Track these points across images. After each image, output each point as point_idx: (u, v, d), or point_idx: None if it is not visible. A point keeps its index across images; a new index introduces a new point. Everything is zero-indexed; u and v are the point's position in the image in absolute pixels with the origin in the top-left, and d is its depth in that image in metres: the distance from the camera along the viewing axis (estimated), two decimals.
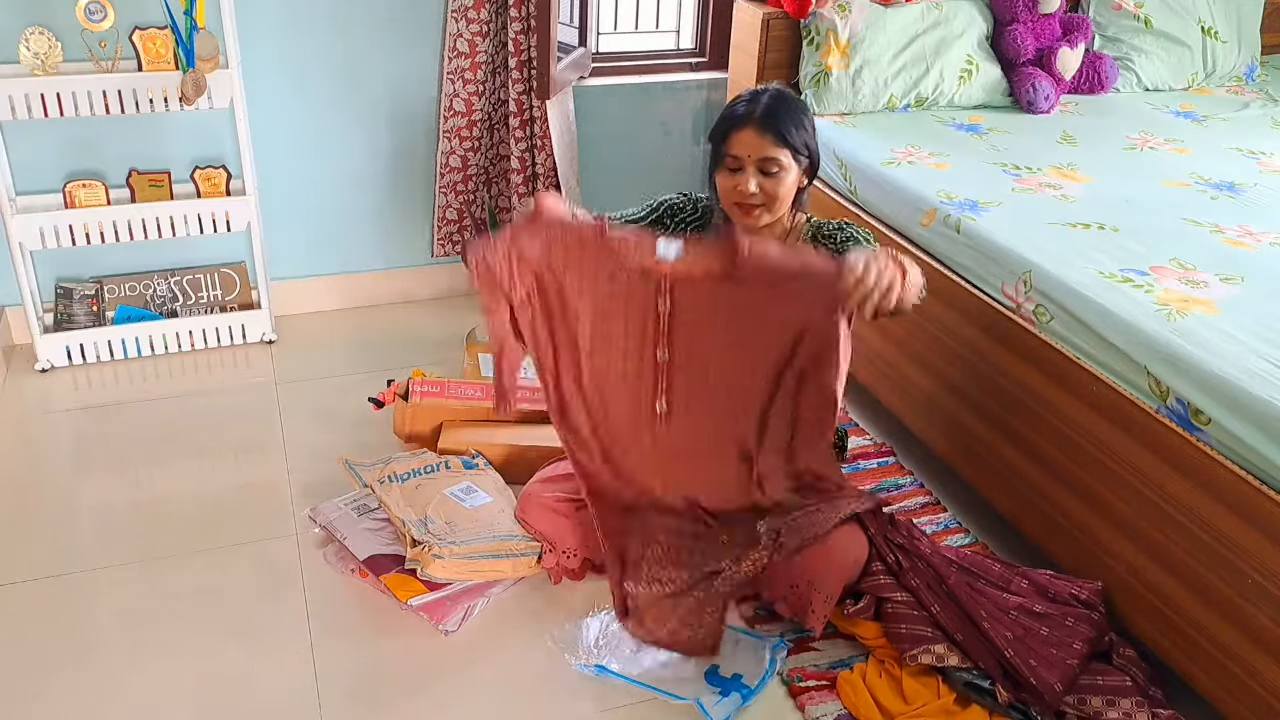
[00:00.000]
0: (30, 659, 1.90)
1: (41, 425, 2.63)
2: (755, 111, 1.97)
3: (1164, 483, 1.80)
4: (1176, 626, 1.81)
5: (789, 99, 2.03)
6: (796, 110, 2.01)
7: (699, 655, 1.94)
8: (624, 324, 2.00)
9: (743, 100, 2.02)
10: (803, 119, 2.01)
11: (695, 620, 1.94)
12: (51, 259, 2.84)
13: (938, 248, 2.38)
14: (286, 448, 2.53)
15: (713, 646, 1.93)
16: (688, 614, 1.95)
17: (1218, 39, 3.33)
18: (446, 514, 2.12)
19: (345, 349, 3.00)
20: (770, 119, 1.96)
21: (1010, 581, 2.01)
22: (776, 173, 1.97)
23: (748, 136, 1.96)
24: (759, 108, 1.98)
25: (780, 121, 1.96)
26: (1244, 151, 2.78)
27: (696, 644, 1.94)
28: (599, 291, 1.98)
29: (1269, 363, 1.73)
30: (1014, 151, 2.71)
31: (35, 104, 2.52)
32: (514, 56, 2.92)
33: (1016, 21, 3.09)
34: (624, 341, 2.01)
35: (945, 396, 2.33)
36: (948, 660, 1.87)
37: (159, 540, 2.20)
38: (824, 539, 1.94)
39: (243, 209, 2.81)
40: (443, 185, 3.09)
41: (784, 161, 1.97)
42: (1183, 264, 2.10)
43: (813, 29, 2.95)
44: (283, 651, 1.94)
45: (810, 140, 2.01)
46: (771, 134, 1.95)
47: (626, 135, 3.32)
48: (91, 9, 2.49)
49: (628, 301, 1.98)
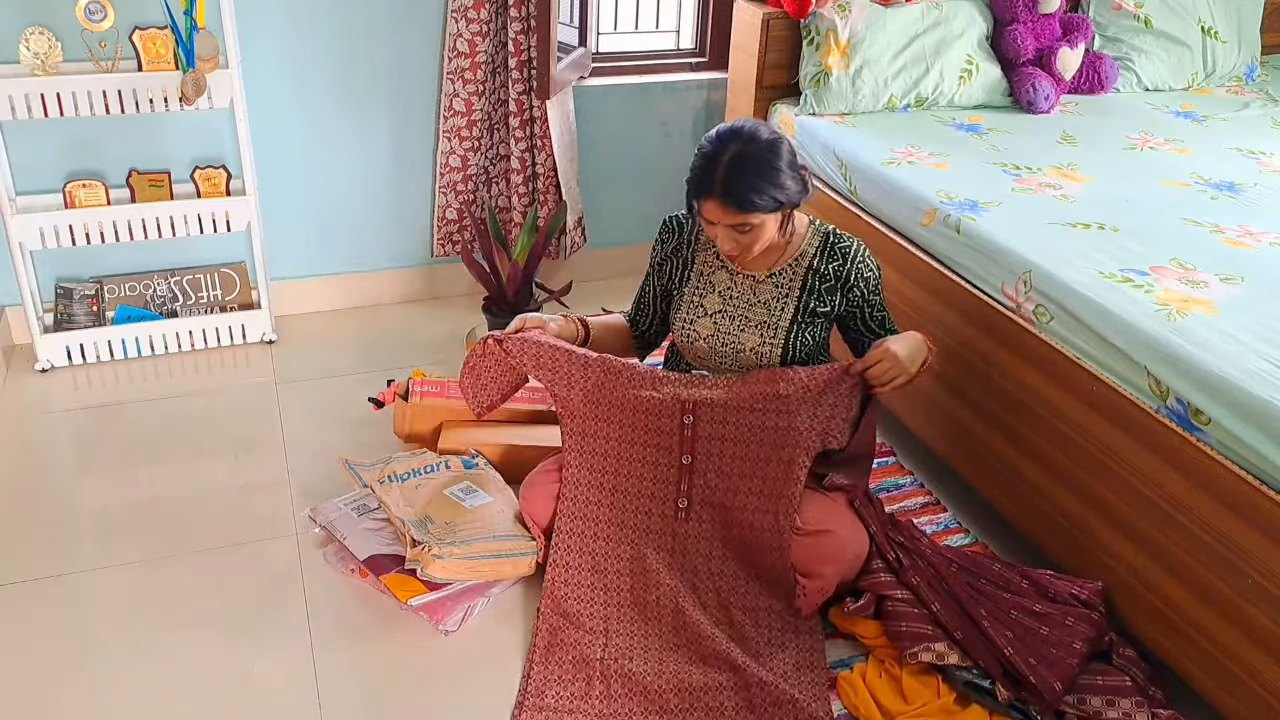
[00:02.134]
0: (30, 659, 1.90)
1: (41, 425, 2.63)
2: (715, 182, 1.88)
3: (1164, 483, 1.79)
4: (1176, 626, 1.81)
5: (751, 157, 1.88)
6: (762, 165, 1.88)
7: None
8: (650, 435, 2.06)
9: (705, 154, 1.92)
10: (771, 172, 1.88)
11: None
12: (51, 259, 2.84)
13: (938, 248, 2.38)
14: (286, 448, 2.53)
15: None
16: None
17: (1218, 39, 3.33)
18: (446, 514, 2.12)
19: (345, 349, 3.00)
20: (732, 192, 1.87)
21: (1010, 581, 2.01)
22: (750, 230, 1.93)
23: (713, 207, 1.91)
24: (719, 176, 1.88)
25: (742, 189, 1.86)
26: (1244, 151, 2.77)
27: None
28: (618, 404, 2.07)
29: (1269, 363, 1.73)
30: (1014, 151, 2.71)
31: (35, 104, 2.52)
32: (514, 56, 2.92)
33: (1016, 21, 3.09)
34: (651, 450, 2.07)
35: (945, 396, 2.33)
36: (948, 658, 1.87)
37: (159, 540, 2.20)
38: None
39: (243, 209, 2.81)
40: (443, 185, 3.09)
41: (754, 221, 1.91)
42: (1183, 264, 2.10)
43: (813, 29, 2.95)
44: (283, 651, 1.94)
45: (785, 186, 1.90)
46: (735, 205, 1.88)
47: (626, 135, 3.32)
48: (91, 9, 2.49)
49: (650, 414, 2.05)
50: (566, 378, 2.05)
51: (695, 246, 2.14)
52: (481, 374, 2.10)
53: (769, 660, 1.91)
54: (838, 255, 2.05)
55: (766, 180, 1.88)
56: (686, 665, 1.90)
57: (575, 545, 2.07)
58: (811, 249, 2.07)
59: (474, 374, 2.10)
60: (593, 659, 1.92)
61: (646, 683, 1.87)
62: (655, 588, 2.02)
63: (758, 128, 1.93)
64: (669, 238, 2.17)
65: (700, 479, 2.05)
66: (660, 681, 1.87)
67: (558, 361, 2.05)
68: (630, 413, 2.05)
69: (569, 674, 1.89)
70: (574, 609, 2.00)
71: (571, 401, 2.06)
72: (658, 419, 2.04)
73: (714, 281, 2.11)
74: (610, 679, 1.89)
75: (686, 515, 2.06)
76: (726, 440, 2.03)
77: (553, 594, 2.02)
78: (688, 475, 2.05)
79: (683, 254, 2.15)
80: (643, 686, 1.87)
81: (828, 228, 2.10)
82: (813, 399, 1.99)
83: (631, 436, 2.06)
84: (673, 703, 1.84)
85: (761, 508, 2.02)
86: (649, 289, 2.23)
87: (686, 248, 2.15)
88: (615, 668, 1.90)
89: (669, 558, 2.06)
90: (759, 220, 1.91)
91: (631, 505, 2.08)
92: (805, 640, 1.96)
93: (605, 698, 1.85)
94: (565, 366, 2.05)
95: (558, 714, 1.82)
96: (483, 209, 3.15)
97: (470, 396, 2.13)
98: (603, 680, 1.88)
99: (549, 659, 1.92)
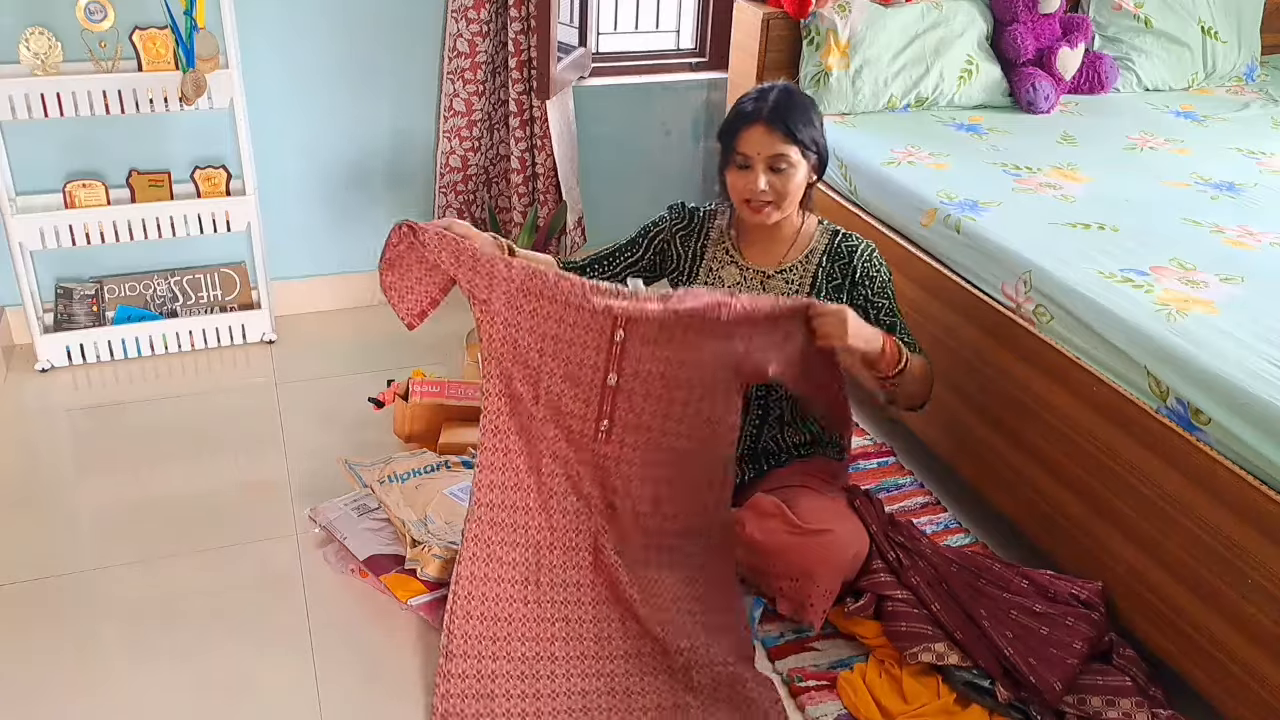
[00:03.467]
0: (30, 659, 1.90)
1: (41, 425, 2.63)
2: (764, 109, 1.97)
3: (1164, 483, 1.79)
4: (1176, 626, 1.81)
5: (797, 95, 2.02)
6: (805, 106, 2.00)
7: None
8: (575, 349, 1.95)
9: (750, 97, 2.02)
10: (811, 115, 2.00)
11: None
12: (51, 259, 2.84)
13: (938, 248, 2.38)
14: (286, 448, 2.53)
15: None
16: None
17: (1218, 39, 3.33)
18: (446, 514, 2.12)
19: (345, 349, 3.00)
20: (779, 115, 1.95)
21: (1010, 581, 2.01)
22: (785, 169, 1.96)
23: (756, 133, 1.96)
24: (767, 105, 1.97)
25: (789, 117, 1.96)
26: (1244, 151, 2.77)
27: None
28: (541, 316, 1.93)
29: (1269, 363, 1.73)
30: (1014, 151, 2.71)
31: (35, 104, 2.52)
32: (514, 56, 2.92)
33: (1016, 21, 3.09)
34: (574, 367, 1.96)
35: (945, 396, 2.33)
36: (948, 658, 1.87)
37: (159, 540, 2.20)
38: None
39: (243, 209, 2.81)
40: (443, 185, 3.09)
41: (793, 158, 1.96)
42: (1183, 264, 2.10)
43: (813, 29, 2.95)
44: (283, 651, 1.94)
45: (819, 136, 2.01)
46: (780, 130, 1.95)
47: (626, 135, 3.32)
48: (91, 9, 2.49)
49: (577, 326, 1.93)
50: (488, 277, 1.89)
51: (707, 240, 2.14)
52: (405, 273, 1.92)
53: (672, 602, 1.97)
54: (844, 254, 2.06)
55: (809, 121, 1.98)
56: (601, 606, 1.97)
57: (500, 463, 1.96)
58: (820, 247, 2.08)
59: (397, 271, 1.93)
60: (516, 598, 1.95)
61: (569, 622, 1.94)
62: (576, 528, 2.00)
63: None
64: (679, 222, 2.15)
65: (625, 400, 1.96)
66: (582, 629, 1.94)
67: (478, 260, 1.88)
68: (555, 323, 1.91)
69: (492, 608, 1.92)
70: (497, 535, 1.97)
71: (492, 304, 1.90)
72: (585, 332, 1.91)
73: (723, 277, 2.11)
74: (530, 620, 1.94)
75: (607, 437, 1.98)
76: (658, 360, 1.93)
77: (477, 519, 1.96)
78: (611, 396, 1.96)
79: (691, 245, 2.14)
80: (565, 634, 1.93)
81: (837, 228, 2.11)
82: (750, 325, 1.90)
83: (554, 349, 1.93)
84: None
85: (693, 435, 1.97)
86: (625, 255, 2.17)
87: (696, 239, 2.14)
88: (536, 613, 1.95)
89: (588, 486, 2.00)
90: (796, 159, 1.96)
91: (549, 423, 1.97)
92: (719, 576, 2.00)
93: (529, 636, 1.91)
94: (486, 266, 1.89)
95: (481, 641, 1.88)
96: (483, 209, 3.15)
97: (396, 300, 1.93)
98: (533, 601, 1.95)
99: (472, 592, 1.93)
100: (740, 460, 2.17)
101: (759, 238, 2.10)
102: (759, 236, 2.10)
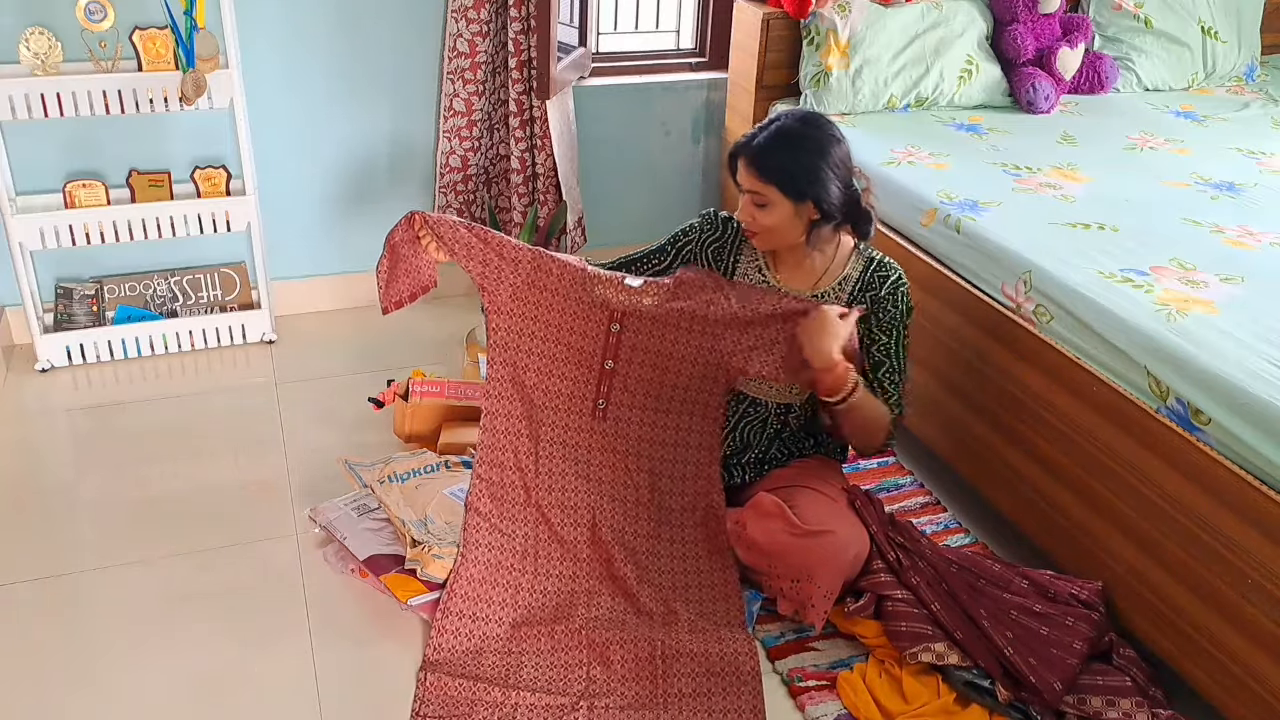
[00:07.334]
0: (30, 659, 1.90)
1: (41, 425, 2.63)
2: (752, 142, 1.95)
3: (1164, 483, 1.80)
4: (1176, 626, 1.81)
5: (796, 135, 1.92)
6: (800, 148, 1.91)
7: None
8: (575, 337, 2.11)
9: (758, 124, 1.98)
10: (803, 157, 1.90)
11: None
12: (51, 259, 2.84)
13: (938, 248, 2.38)
14: (286, 448, 2.53)
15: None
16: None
17: (1218, 39, 3.33)
18: (446, 514, 2.12)
19: (345, 349, 3.00)
20: (760, 153, 1.92)
21: (1010, 581, 2.01)
22: (763, 206, 1.95)
23: (742, 165, 1.96)
24: (757, 139, 1.94)
25: (771, 157, 1.91)
26: (1244, 151, 2.78)
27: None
28: (544, 305, 2.10)
29: (1269, 363, 1.73)
30: (1014, 151, 2.71)
31: (35, 104, 2.52)
32: (514, 56, 2.92)
33: (1016, 21, 3.09)
34: (574, 352, 2.11)
35: (945, 396, 2.33)
36: (948, 658, 1.87)
37: (159, 540, 2.20)
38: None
39: (243, 209, 2.81)
40: (443, 185, 3.09)
41: (769, 196, 1.93)
42: (1183, 264, 2.10)
43: (813, 29, 2.95)
44: (283, 651, 1.94)
45: (817, 184, 1.90)
46: (757, 169, 1.93)
47: (626, 135, 3.32)
48: (91, 9, 2.49)
49: (577, 317, 2.09)
50: (496, 272, 2.08)
51: (739, 254, 2.13)
52: (400, 261, 2.08)
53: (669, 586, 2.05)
54: (876, 283, 2.04)
55: (799, 164, 1.91)
56: (595, 580, 2.05)
57: (501, 444, 2.13)
58: (855, 273, 2.06)
59: (394, 258, 2.07)
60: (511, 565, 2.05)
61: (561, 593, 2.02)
62: (574, 504, 2.12)
63: (830, 124, 1.97)
64: (710, 232, 2.14)
65: (621, 381, 2.12)
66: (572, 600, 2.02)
67: (488, 255, 2.07)
68: (557, 314, 2.10)
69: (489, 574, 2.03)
70: (494, 508, 2.10)
71: (499, 297, 2.09)
72: (585, 323, 2.09)
73: None
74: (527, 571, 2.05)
75: (604, 414, 2.13)
76: (650, 351, 2.10)
77: (478, 493, 2.10)
78: (608, 378, 2.11)
79: (724, 258, 2.13)
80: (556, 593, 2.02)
81: (874, 253, 2.08)
82: (739, 327, 2.05)
83: (556, 336, 2.11)
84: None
85: (684, 411, 2.12)
86: (651, 261, 2.18)
87: (728, 251, 2.13)
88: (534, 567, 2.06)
89: (585, 468, 2.14)
90: (772, 198, 1.93)
91: (550, 404, 2.13)
92: (716, 565, 2.07)
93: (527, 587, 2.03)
94: (495, 261, 2.07)
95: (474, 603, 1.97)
96: (483, 209, 3.15)
97: (382, 283, 2.09)
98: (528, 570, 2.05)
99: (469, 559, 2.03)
100: (745, 465, 2.19)
101: (789, 258, 2.08)
102: (789, 257, 2.08)
